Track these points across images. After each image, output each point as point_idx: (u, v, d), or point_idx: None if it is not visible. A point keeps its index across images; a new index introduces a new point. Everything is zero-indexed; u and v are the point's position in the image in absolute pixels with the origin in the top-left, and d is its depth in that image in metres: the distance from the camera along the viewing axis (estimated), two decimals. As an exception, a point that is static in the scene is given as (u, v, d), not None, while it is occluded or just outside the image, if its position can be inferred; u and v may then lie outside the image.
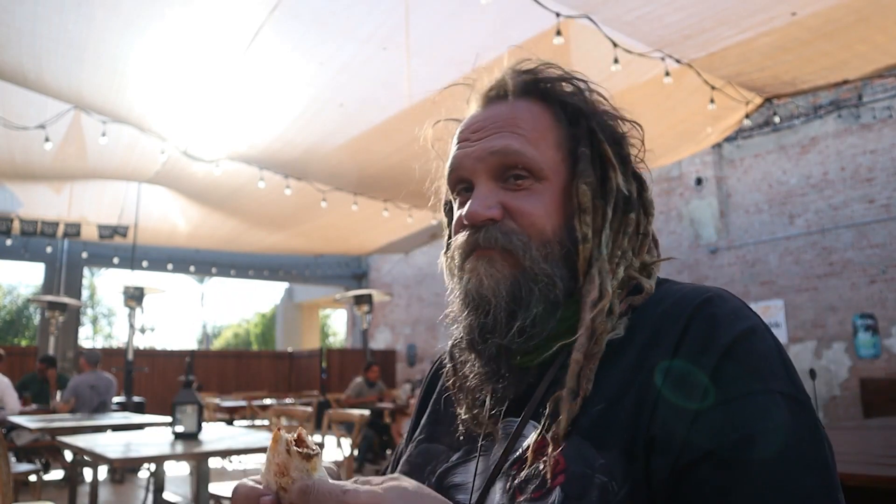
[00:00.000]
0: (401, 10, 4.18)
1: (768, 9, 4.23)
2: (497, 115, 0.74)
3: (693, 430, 0.56)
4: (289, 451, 0.52)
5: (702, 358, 0.59)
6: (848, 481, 1.89)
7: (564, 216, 0.71)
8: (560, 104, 0.75)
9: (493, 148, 0.71)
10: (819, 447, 0.57)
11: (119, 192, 8.58)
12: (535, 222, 0.70)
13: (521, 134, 0.72)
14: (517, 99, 0.76)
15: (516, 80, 0.77)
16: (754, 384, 0.57)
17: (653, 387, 0.60)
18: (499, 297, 0.68)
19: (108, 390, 6.93)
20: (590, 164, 0.72)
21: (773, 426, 0.55)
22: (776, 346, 0.61)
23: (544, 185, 0.71)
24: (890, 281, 8.82)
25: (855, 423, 5.78)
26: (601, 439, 0.60)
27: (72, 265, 14.30)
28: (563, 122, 0.74)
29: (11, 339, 30.59)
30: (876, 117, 9.17)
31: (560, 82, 0.77)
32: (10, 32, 4.56)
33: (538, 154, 0.71)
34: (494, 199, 0.71)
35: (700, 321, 0.61)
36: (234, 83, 5.28)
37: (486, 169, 0.72)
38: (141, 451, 3.02)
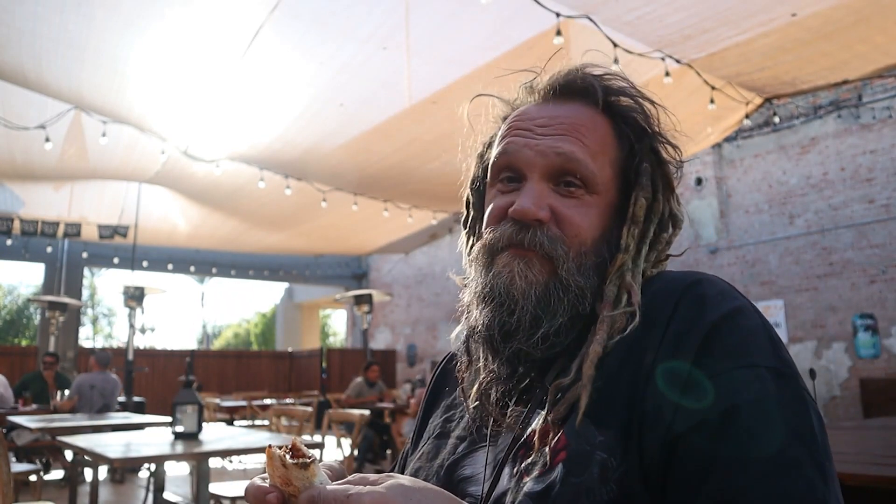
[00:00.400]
0: (401, 10, 4.18)
1: (768, 9, 4.23)
2: (566, 116, 0.74)
3: (681, 404, 0.58)
4: (284, 465, 0.53)
5: (690, 335, 0.61)
6: (848, 481, 1.89)
7: (604, 230, 0.72)
8: (623, 119, 0.76)
9: (559, 149, 0.71)
10: (804, 416, 0.58)
11: (119, 192, 8.58)
12: (580, 233, 0.71)
13: (585, 143, 0.72)
14: (583, 103, 0.76)
15: (585, 84, 0.77)
16: (740, 359, 0.59)
17: (646, 364, 0.62)
18: (528, 299, 0.68)
19: (112, 392, 6.94)
20: (649, 180, 0.74)
21: (757, 397, 0.57)
22: (763, 324, 0.62)
23: (594, 199, 0.72)
24: (890, 281, 8.82)
25: (855, 423, 5.78)
26: (600, 417, 0.61)
27: (72, 265, 14.31)
28: (625, 137, 0.75)
29: (11, 339, 30.60)
30: (876, 117, 9.17)
31: (625, 96, 0.77)
32: (10, 32, 4.56)
33: (597, 167, 0.72)
34: (546, 200, 0.71)
35: (689, 300, 0.64)
36: (234, 83, 5.28)
37: (545, 166, 0.72)
38: (141, 451, 3.02)
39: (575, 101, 0.76)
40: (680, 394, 0.59)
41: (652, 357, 0.62)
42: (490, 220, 0.75)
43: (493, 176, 0.77)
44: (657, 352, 0.62)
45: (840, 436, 3.07)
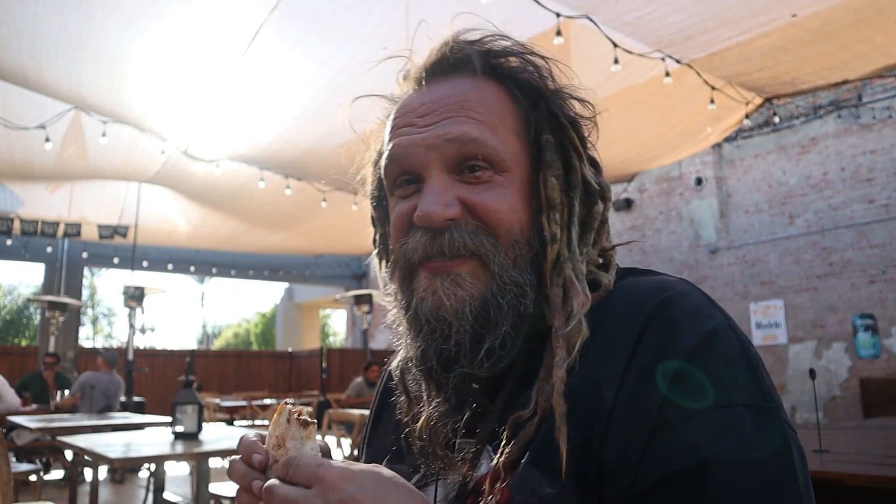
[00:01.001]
0: (401, 10, 4.18)
1: (769, 10, 4.23)
2: (448, 95, 0.64)
3: (649, 454, 0.51)
4: (289, 420, 0.56)
5: (657, 370, 0.53)
6: (848, 481, 1.89)
7: (529, 212, 0.63)
8: (515, 83, 0.66)
9: (448, 135, 0.61)
10: (786, 462, 0.51)
11: (119, 192, 8.59)
12: (503, 219, 0.61)
13: (478, 119, 0.62)
14: (466, 76, 0.66)
15: (462, 54, 0.67)
16: (715, 398, 0.51)
17: (604, 403, 0.53)
18: (463, 319, 0.59)
19: (116, 392, 6.98)
20: (555, 153, 0.64)
21: (733, 445, 0.50)
22: (740, 348, 0.55)
23: (507, 178, 0.62)
24: (890, 281, 8.82)
25: (855, 423, 5.78)
26: (549, 464, 0.53)
27: (72, 265, 14.31)
28: (521, 103, 0.65)
29: (11, 339, 30.60)
30: (876, 117, 9.17)
31: (512, 56, 0.67)
32: (10, 32, 4.56)
33: (499, 142, 0.62)
34: (452, 194, 0.61)
35: (656, 327, 0.55)
36: (234, 83, 5.28)
37: (440, 159, 0.62)
38: (141, 451, 3.02)
39: (456, 75, 0.66)
40: (646, 441, 0.51)
41: (613, 394, 0.53)
42: (396, 233, 0.65)
43: (389, 184, 0.67)
44: (619, 388, 0.53)
45: (840, 436, 3.07)
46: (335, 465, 0.50)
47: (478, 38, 0.69)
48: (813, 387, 2.37)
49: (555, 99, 0.66)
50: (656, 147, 6.94)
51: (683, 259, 11.10)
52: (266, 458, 0.56)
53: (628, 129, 6.25)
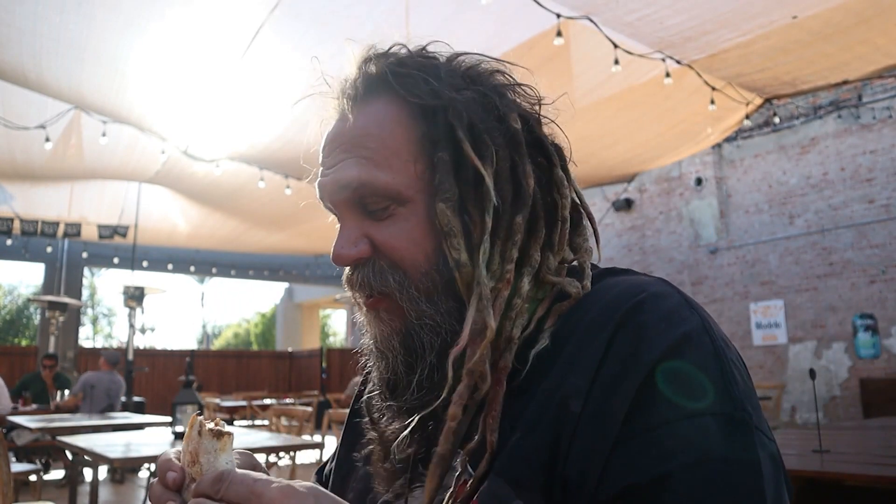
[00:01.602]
0: (401, 10, 4.18)
1: (769, 11, 4.23)
2: (342, 133, 0.64)
3: (610, 465, 0.49)
4: (200, 432, 0.53)
5: (625, 380, 0.51)
6: (848, 481, 1.89)
7: (436, 239, 0.60)
8: (415, 97, 0.62)
9: (340, 181, 0.62)
10: (753, 476, 0.49)
11: (119, 192, 8.59)
12: (404, 255, 0.60)
13: (367, 157, 0.61)
14: (364, 103, 0.64)
15: (361, 78, 0.65)
16: (681, 407, 0.50)
17: (570, 415, 0.52)
18: (395, 350, 0.61)
19: (117, 392, 7.00)
20: (450, 174, 0.60)
21: (696, 459, 0.48)
22: (714, 353, 0.53)
23: (408, 209, 0.61)
24: (890, 281, 8.82)
25: (855, 423, 5.78)
26: (519, 476, 0.52)
27: (72, 265, 14.31)
28: (419, 122, 0.62)
29: (11, 339, 30.60)
30: (876, 117, 9.17)
31: (412, 68, 0.64)
32: (10, 32, 4.56)
33: (392, 176, 0.60)
34: (360, 232, 0.62)
35: (625, 333, 0.53)
36: (234, 83, 5.29)
37: (343, 202, 0.63)
38: (141, 451, 3.02)
39: (365, 100, 0.65)
40: (609, 453, 0.49)
41: (579, 406, 0.52)
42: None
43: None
44: (586, 400, 0.52)
45: (840, 436, 3.07)
46: (274, 481, 0.48)
47: (382, 52, 0.66)
48: (813, 387, 2.37)
49: (453, 106, 0.61)
50: (656, 147, 6.94)
51: (683, 259, 11.10)
52: (181, 475, 0.53)
53: (628, 130, 6.25)
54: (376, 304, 0.63)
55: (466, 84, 0.63)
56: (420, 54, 0.65)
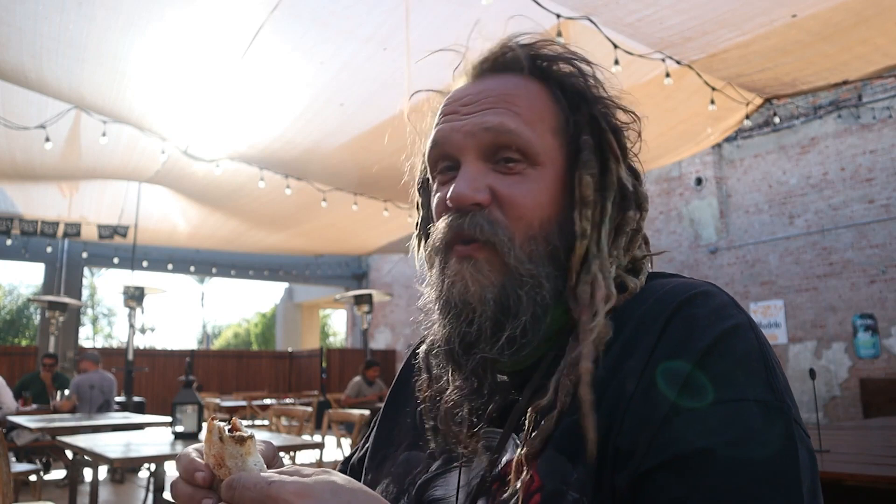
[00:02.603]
0: (401, 10, 4.18)
1: (769, 11, 4.23)
2: (492, 89, 0.68)
3: (656, 439, 0.52)
4: (221, 438, 0.52)
5: (676, 363, 0.55)
6: (848, 481, 1.89)
7: (556, 208, 0.65)
8: (560, 85, 0.69)
9: (486, 124, 0.65)
10: (790, 460, 0.51)
11: (119, 192, 8.58)
12: (525, 213, 0.64)
13: (517, 112, 0.65)
14: (514, 74, 0.69)
15: (513, 54, 0.70)
16: (727, 391, 0.53)
17: (625, 393, 0.55)
18: (485, 304, 0.62)
19: (111, 389, 7.03)
20: (592, 154, 0.66)
21: (738, 438, 0.51)
22: (759, 348, 0.56)
23: (538, 172, 0.65)
24: (890, 281, 8.82)
25: (855, 423, 5.78)
26: (575, 451, 0.55)
27: (72, 265, 14.31)
28: (563, 105, 0.68)
29: (11, 339, 30.61)
30: (876, 117, 9.17)
31: (561, 61, 0.70)
32: (10, 32, 4.56)
33: (535, 136, 0.65)
34: (483, 181, 0.64)
35: (678, 322, 0.57)
36: (234, 83, 5.29)
37: (476, 146, 0.65)
38: (141, 451, 3.02)
39: (505, 73, 0.70)
40: (658, 428, 0.53)
41: (633, 386, 0.55)
42: (436, 216, 0.69)
43: (431, 170, 0.71)
44: (639, 380, 0.55)
45: (840, 436, 3.07)
46: (288, 482, 0.47)
47: (530, 42, 0.72)
48: (813, 387, 2.37)
49: (597, 105, 0.69)
50: (656, 147, 6.94)
51: (683, 259, 11.10)
52: (210, 474, 0.52)
53: (628, 130, 6.25)
54: (476, 253, 0.63)
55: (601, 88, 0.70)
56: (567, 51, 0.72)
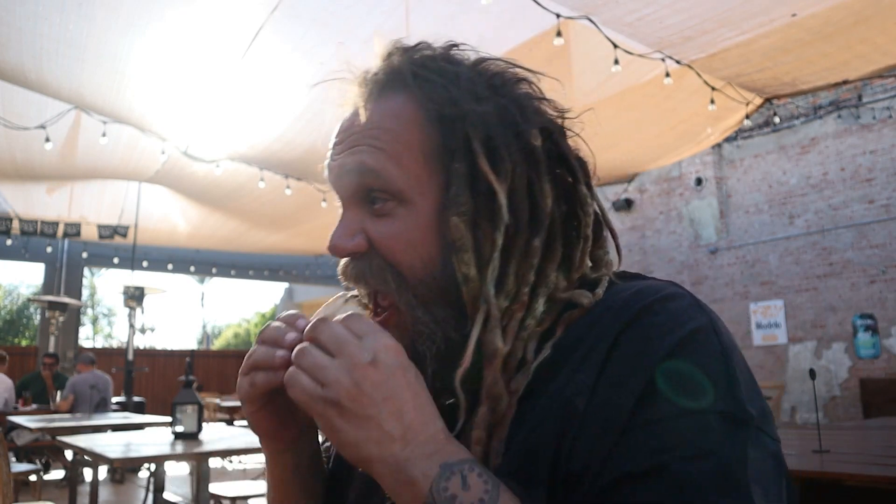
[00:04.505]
0: (401, 10, 4.17)
1: (769, 10, 4.23)
2: (358, 122, 0.62)
3: (609, 455, 0.50)
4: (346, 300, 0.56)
5: (630, 377, 0.52)
6: (848, 481, 1.89)
7: (436, 246, 0.59)
8: (431, 100, 0.61)
9: (347, 166, 0.61)
10: (742, 472, 0.49)
11: (119, 192, 8.58)
12: (400, 257, 0.59)
13: (380, 147, 0.60)
14: (395, 93, 0.62)
15: (382, 72, 0.64)
16: (684, 403, 0.50)
17: (576, 411, 0.52)
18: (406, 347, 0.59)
19: (107, 388, 7.06)
20: (466, 187, 0.58)
21: (694, 453, 0.48)
22: (721, 352, 0.53)
23: (408, 210, 0.59)
24: (890, 281, 8.82)
25: (855, 423, 5.78)
26: (526, 474, 0.53)
27: (72, 265, 14.31)
28: (437, 125, 0.60)
29: (11, 339, 30.60)
30: (876, 118, 9.17)
31: (436, 66, 0.62)
32: (10, 32, 4.56)
33: (399, 171, 0.59)
34: (359, 226, 0.61)
35: (634, 333, 0.54)
36: (234, 83, 5.29)
37: (346, 189, 0.62)
38: (141, 451, 3.02)
39: (388, 93, 0.63)
40: (611, 445, 0.50)
41: (584, 403, 0.52)
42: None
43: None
44: (591, 396, 0.52)
45: (840, 436, 3.07)
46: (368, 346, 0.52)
47: (408, 47, 0.65)
48: (813, 387, 2.37)
49: (475, 116, 0.59)
50: (656, 147, 6.94)
51: (683, 259, 11.10)
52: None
53: (628, 130, 6.25)
54: (386, 322, 0.61)
55: (489, 93, 0.61)
56: (444, 57, 0.64)
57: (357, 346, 0.52)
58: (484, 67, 0.64)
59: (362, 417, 0.51)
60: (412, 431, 0.52)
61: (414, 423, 0.52)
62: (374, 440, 0.51)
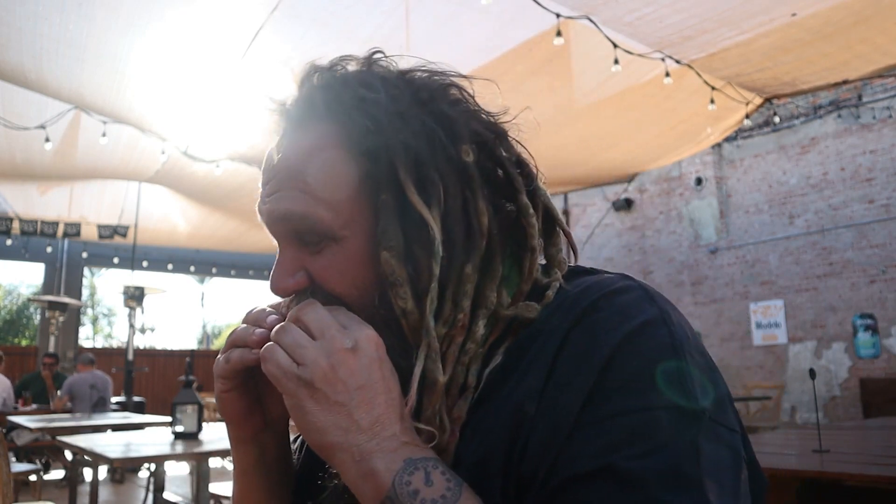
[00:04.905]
0: (401, 10, 4.17)
1: (768, 10, 4.23)
2: (283, 160, 0.60)
3: (558, 459, 0.49)
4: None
5: (577, 376, 0.51)
6: (848, 481, 1.89)
7: (372, 278, 0.58)
8: (352, 127, 0.58)
9: (276, 213, 0.60)
10: (695, 467, 0.47)
11: (119, 192, 8.59)
12: (337, 290, 0.58)
13: (302, 190, 0.58)
14: (302, 128, 0.60)
15: (298, 103, 0.62)
16: (632, 400, 0.49)
17: (526, 416, 0.51)
18: None
19: (106, 387, 7.07)
20: (395, 219, 0.56)
21: (643, 451, 0.47)
22: (671, 343, 0.51)
23: (342, 246, 0.58)
24: (890, 281, 8.82)
25: (855, 423, 5.78)
26: (480, 484, 0.52)
27: (72, 265, 14.31)
28: (360, 154, 0.58)
29: (11, 339, 30.60)
30: (876, 117, 9.17)
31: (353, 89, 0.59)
32: (10, 32, 4.56)
33: (327, 212, 0.57)
34: (297, 263, 0.60)
35: (578, 334, 0.53)
36: (234, 83, 5.29)
37: (278, 234, 0.61)
38: (141, 451, 3.02)
39: (306, 126, 0.60)
40: (560, 448, 0.49)
41: (534, 407, 0.51)
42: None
43: None
44: (540, 400, 0.51)
45: (840, 436, 3.07)
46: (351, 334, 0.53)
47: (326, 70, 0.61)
48: (813, 387, 2.37)
49: (398, 143, 0.56)
50: (656, 147, 6.94)
51: (683, 259, 11.10)
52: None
53: (628, 130, 6.25)
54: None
55: (416, 109, 0.59)
56: (361, 79, 0.60)
57: (340, 332, 0.53)
58: (409, 80, 0.62)
59: (333, 403, 0.51)
60: (380, 424, 0.52)
61: (383, 416, 0.52)
62: (342, 427, 0.51)
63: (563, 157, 6.54)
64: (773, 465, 2.06)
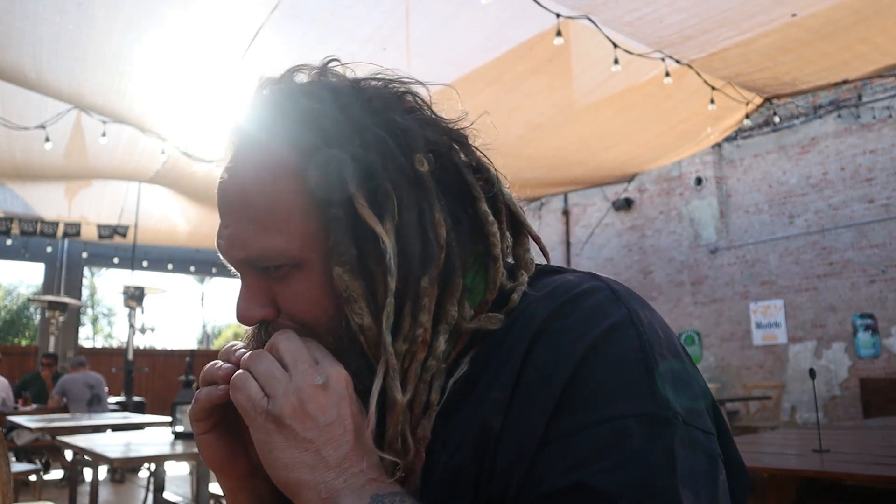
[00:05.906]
0: (401, 10, 4.17)
1: (768, 10, 4.23)
2: (232, 187, 0.58)
3: (527, 478, 0.47)
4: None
5: (544, 388, 0.49)
6: (848, 481, 1.89)
7: (336, 297, 0.56)
8: (298, 147, 0.56)
9: (233, 251, 0.58)
10: (670, 476, 0.45)
11: (119, 192, 8.59)
12: (306, 317, 0.57)
13: (255, 219, 0.56)
14: (253, 148, 0.58)
15: (249, 119, 0.59)
16: (600, 411, 0.47)
17: (492, 432, 0.50)
18: None
19: (100, 385, 7.10)
20: (347, 234, 0.54)
21: (614, 463, 0.45)
22: (639, 347, 0.50)
23: (303, 271, 0.56)
24: (890, 281, 8.82)
25: (855, 423, 5.79)
26: (450, 502, 0.51)
27: (72, 265, 14.30)
28: (311, 170, 0.56)
29: (11, 339, 30.60)
30: (876, 117, 9.17)
31: (302, 100, 0.58)
32: (10, 32, 4.56)
33: (282, 239, 0.55)
34: (263, 291, 0.58)
35: (545, 341, 0.51)
36: (234, 83, 5.29)
37: (237, 265, 0.60)
38: (141, 451, 3.02)
39: (255, 145, 0.58)
40: (528, 464, 0.48)
41: (500, 421, 0.50)
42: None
43: None
44: (506, 415, 0.50)
45: (840, 436, 3.07)
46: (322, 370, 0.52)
47: (276, 81, 0.60)
48: (813, 387, 2.37)
49: (346, 157, 0.54)
50: (656, 147, 6.95)
51: (683, 259, 11.10)
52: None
53: (628, 130, 6.25)
54: None
55: (368, 117, 0.57)
56: (309, 91, 0.59)
57: (312, 367, 0.52)
58: (361, 89, 0.60)
59: (301, 439, 0.50)
60: (348, 461, 0.51)
61: (351, 454, 0.51)
62: (309, 465, 0.50)
63: (563, 157, 6.54)
64: (773, 465, 2.06)
